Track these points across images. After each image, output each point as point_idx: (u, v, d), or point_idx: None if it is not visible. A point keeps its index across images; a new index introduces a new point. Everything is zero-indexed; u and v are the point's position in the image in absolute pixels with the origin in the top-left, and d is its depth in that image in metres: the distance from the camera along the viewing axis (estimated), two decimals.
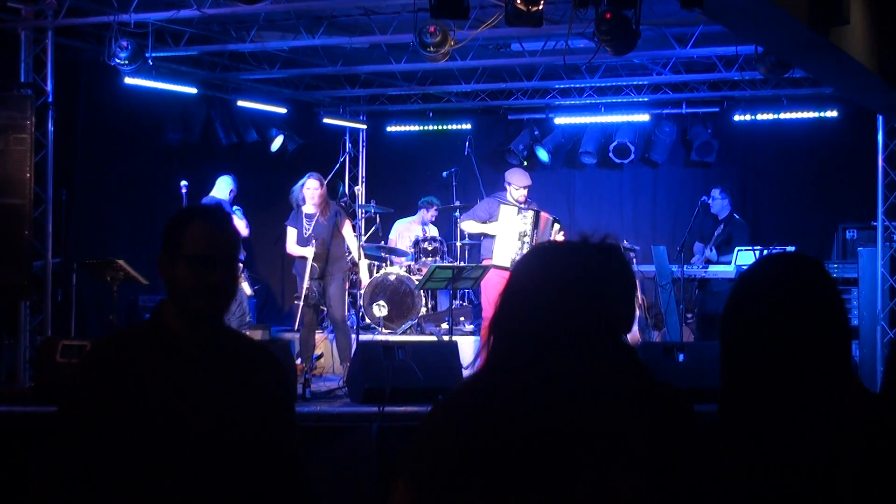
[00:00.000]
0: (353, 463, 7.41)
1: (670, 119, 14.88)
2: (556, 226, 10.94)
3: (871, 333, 11.13)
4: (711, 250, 11.80)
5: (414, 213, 13.81)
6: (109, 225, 12.69)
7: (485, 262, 10.59)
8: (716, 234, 11.79)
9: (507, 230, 10.54)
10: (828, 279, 2.28)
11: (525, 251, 10.37)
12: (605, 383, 2.16)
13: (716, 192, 12.46)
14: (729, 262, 11.73)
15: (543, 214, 10.78)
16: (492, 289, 10.39)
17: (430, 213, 13.67)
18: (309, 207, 10.25)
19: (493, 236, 10.61)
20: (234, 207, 11.93)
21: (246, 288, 11.58)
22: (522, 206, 10.68)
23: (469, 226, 10.91)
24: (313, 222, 10.17)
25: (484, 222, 10.70)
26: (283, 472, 2.98)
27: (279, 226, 10.91)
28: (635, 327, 11.72)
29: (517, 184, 10.74)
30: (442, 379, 7.93)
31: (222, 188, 11.89)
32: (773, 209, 14.55)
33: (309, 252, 9.97)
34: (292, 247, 10.32)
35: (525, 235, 10.50)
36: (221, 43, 11.85)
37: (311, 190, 10.24)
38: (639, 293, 12.00)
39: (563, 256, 2.27)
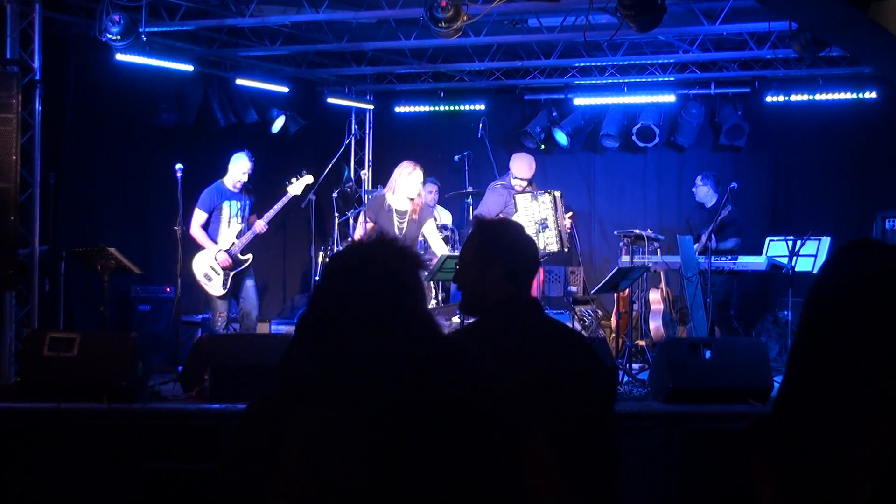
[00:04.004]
0: None
1: (698, 100, 14.84)
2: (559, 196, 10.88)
3: None
4: (711, 238, 11.76)
5: None
6: (100, 210, 12.71)
7: None
8: (719, 218, 11.72)
9: (528, 221, 10.49)
10: None
11: (548, 237, 10.38)
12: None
13: (698, 180, 12.46)
14: (726, 249, 11.77)
15: (556, 193, 10.76)
16: None
17: (430, 195, 13.54)
18: (403, 202, 9.91)
19: None
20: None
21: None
22: (536, 191, 10.67)
23: None
24: (406, 220, 9.87)
25: (498, 215, 10.61)
26: None
27: (279, 214, 10.89)
28: (659, 322, 11.71)
29: (518, 175, 10.66)
30: None
31: (236, 169, 11.00)
32: (807, 196, 14.52)
33: None
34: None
35: (546, 221, 10.45)
36: (219, 17, 11.84)
37: (417, 184, 9.83)
38: (663, 285, 12.00)
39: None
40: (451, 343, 2.52)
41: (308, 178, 11.01)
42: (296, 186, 10.88)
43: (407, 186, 9.85)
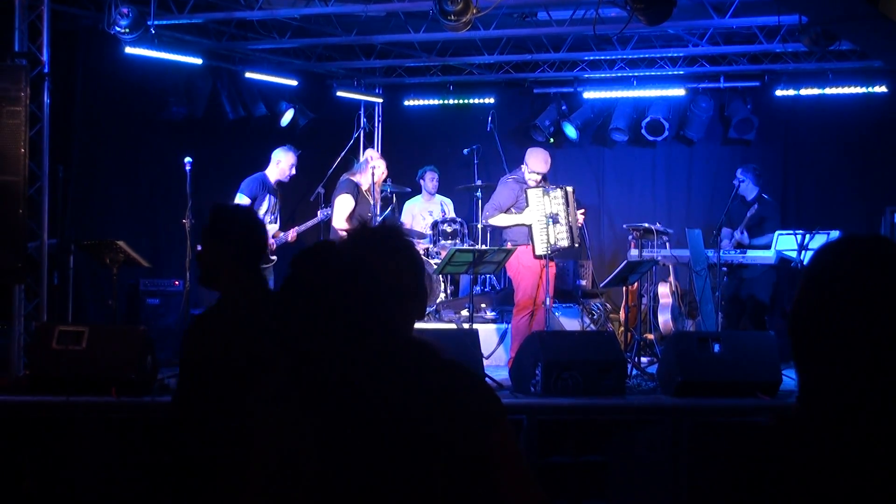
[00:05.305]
0: None
1: (707, 94, 14.81)
2: (571, 192, 10.85)
3: None
4: (742, 233, 11.77)
5: (420, 192, 13.78)
6: (109, 204, 12.73)
7: (508, 247, 10.50)
8: (748, 215, 11.77)
9: (540, 215, 10.41)
10: None
11: (558, 232, 10.33)
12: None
13: (738, 173, 12.44)
14: (760, 245, 11.73)
15: (568, 189, 10.73)
16: (525, 273, 10.33)
17: (431, 182, 13.65)
18: (367, 185, 10.61)
19: (527, 225, 10.45)
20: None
21: None
22: (548, 185, 10.62)
23: (500, 220, 10.63)
24: (375, 204, 10.45)
25: (509, 208, 10.59)
26: None
27: (287, 206, 10.90)
28: (668, 315, 11.69)
29: (534, 169, 10.59)
30: None
31: (282, 165, 11.32)
32: (816, 190, 14.49)
33: None
34: (342, 223, 10.54)
35: (557, 216, 10.40)
36: (228, 10, 11.85)
37: (380, 169, 10.66)
38: (672, 279, 11.98)
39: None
40: (420, 347, 2.49)
41: None
42: (328, 212, 11.28)
43: (377, 171, 10.63)
